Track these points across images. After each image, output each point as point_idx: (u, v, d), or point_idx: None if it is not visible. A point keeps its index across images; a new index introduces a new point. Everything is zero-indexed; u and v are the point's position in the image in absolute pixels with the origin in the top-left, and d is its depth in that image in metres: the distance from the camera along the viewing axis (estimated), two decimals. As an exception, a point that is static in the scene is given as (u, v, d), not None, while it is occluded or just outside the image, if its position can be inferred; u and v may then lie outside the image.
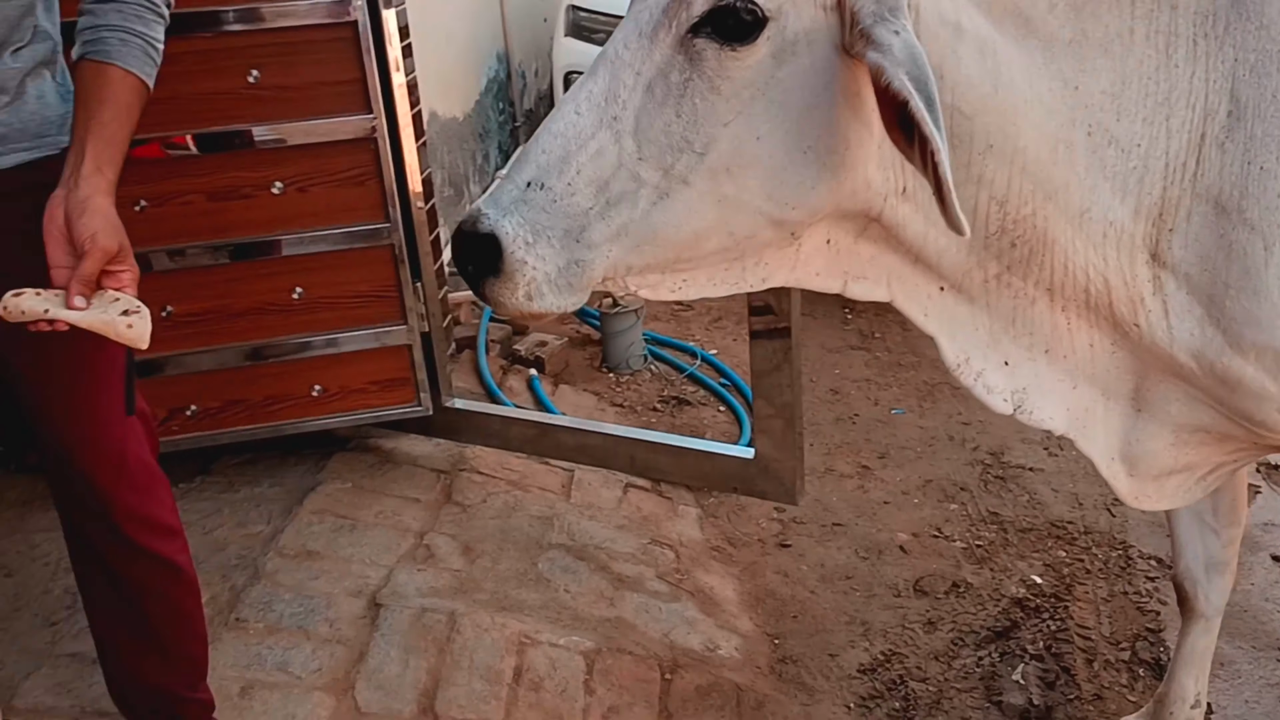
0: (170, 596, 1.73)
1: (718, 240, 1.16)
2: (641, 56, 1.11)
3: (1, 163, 1.48)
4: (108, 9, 1.44)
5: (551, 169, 1.11)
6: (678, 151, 1.11)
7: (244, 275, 2.58)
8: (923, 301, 1.31)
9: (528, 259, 1.11)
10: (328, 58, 2.41)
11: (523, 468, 3.01)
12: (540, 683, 2.23)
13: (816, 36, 1.10)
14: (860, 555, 2.83)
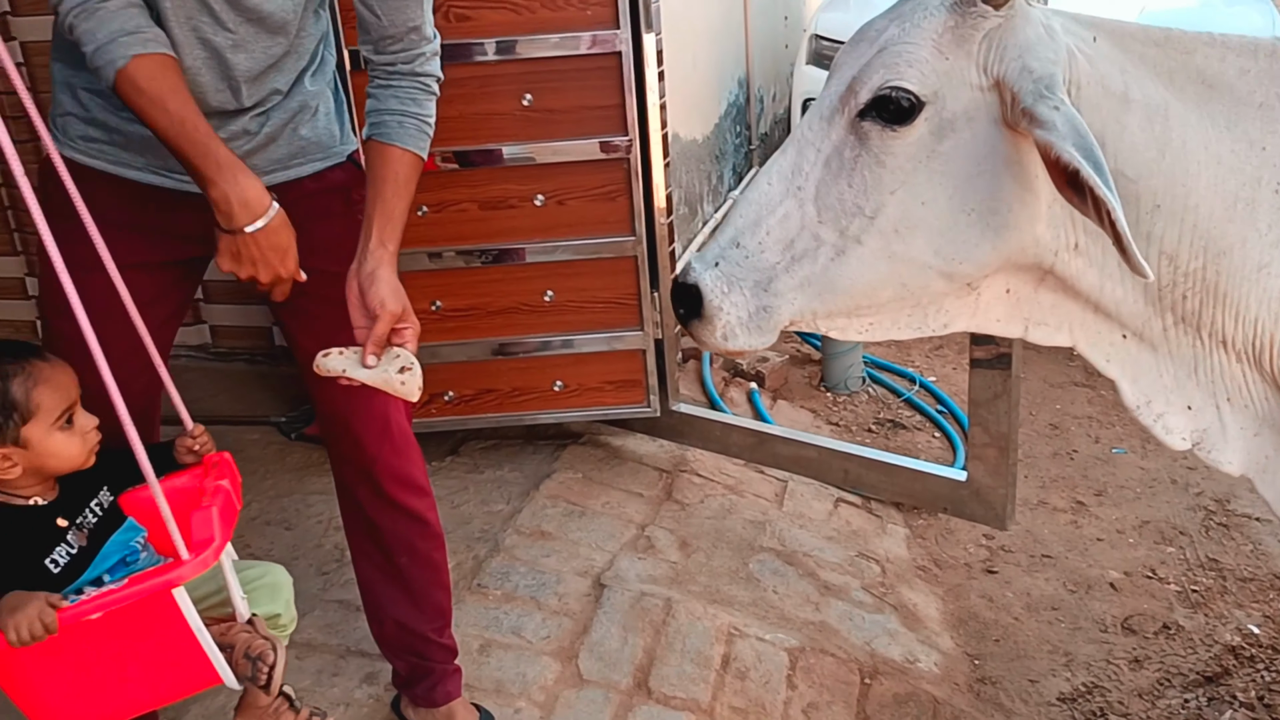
0: (420, 549, 1.98)
1: (891, 291, 1.30)
2: (821, 136, 1.27)
3: (302, 170, 1.75)
4: (387, 94, 1.68)
5: (746, 230, 1.29)
6: (851, 216, 1.25)
7: (503, 277, 2.86)
8: (1105, 348, 1.37)
9: (723, 305, 1.29)
10: (592, 84, 2.65)
11: (739, 474, 3.18)
12: (746, 672, 2.38)
13: (975, 114, 1.22)
14: (1068, 588, 2.85)
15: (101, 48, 1.44)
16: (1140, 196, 1.25)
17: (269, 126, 1.68)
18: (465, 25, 2.60)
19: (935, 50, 1.21)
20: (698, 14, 4.54)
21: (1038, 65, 1.18)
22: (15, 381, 1.45)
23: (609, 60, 2.64)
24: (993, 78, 1.21)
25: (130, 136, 1.63)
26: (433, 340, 2.88)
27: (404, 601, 2.00)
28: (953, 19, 1.21)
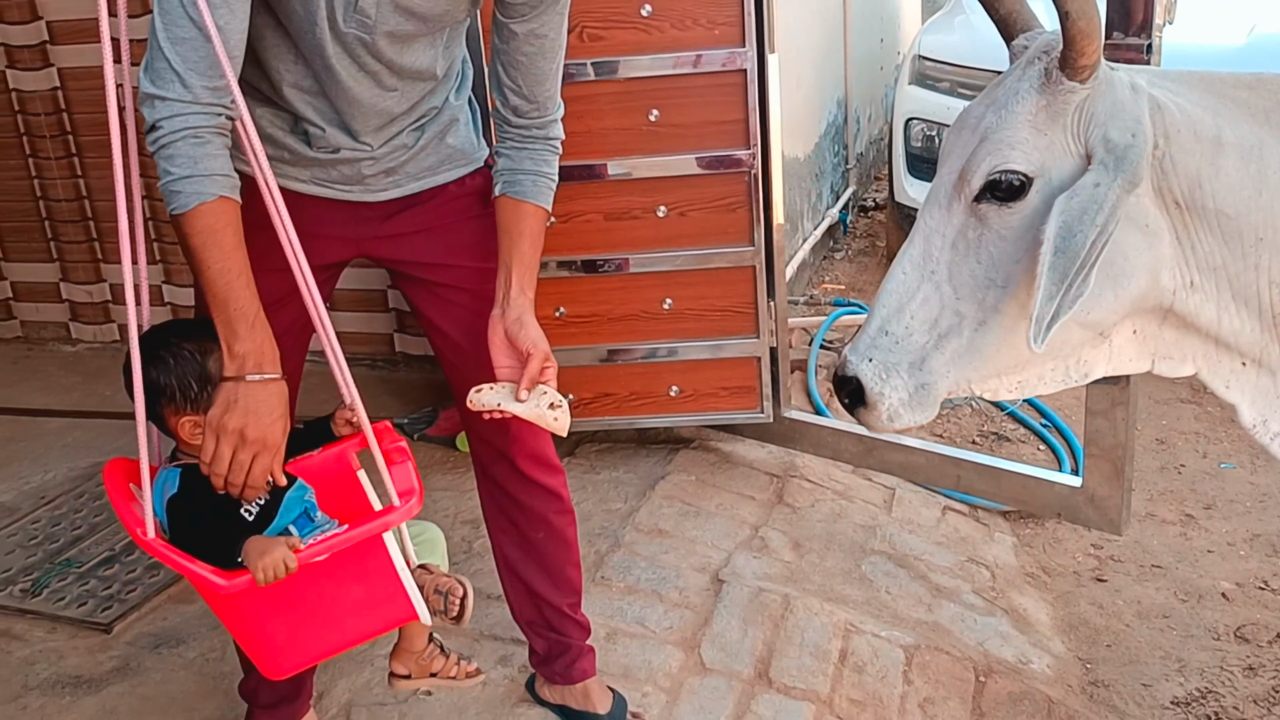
0: (555, 524, 2.11)
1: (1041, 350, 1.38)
2: (944, 222, 1.37)
3: (449, 176, 1.89)
4: (522, 156, 1.82)
5: (891, 318, 1.38)
6: (985, 289, 1.35)
7: (624, 285, 2.99)
8: (1225, 376, 1.44)
9: (884, 391, 1.38)
10: (718, 100, 2.78)
11: (848, 480, 3.26)
12: (863, 666, 2.46)
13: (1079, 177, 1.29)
14: (1179, 597, 2.87)
15: (195, 178, 1.49)
16: (1242, 232, 1.32)
17: (423, 139, 1.83)
18: (598, 45, 2.74)
19: (1033, 129, 1.29)
20: (802, 35, 4.65)
21: (1117, 135, 1.27)
22: (213, 358, 1.60)
23: (734, 77, 2.76)
24: (1085, 145, 1.29)
25: (298, 154, 1.78)
26: (555, 345, 2.95)
27: (541, 577, 2.12)
28: (1044, 99, 1.29)
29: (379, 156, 1.79)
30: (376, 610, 1.62)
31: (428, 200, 1.86)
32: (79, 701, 2.32)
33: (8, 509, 3.13)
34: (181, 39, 1.47)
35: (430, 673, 1.88)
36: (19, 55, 3.92)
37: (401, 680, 1.89)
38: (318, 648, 1.66)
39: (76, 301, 4.26)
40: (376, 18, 1.63)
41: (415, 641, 1.86)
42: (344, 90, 1.70)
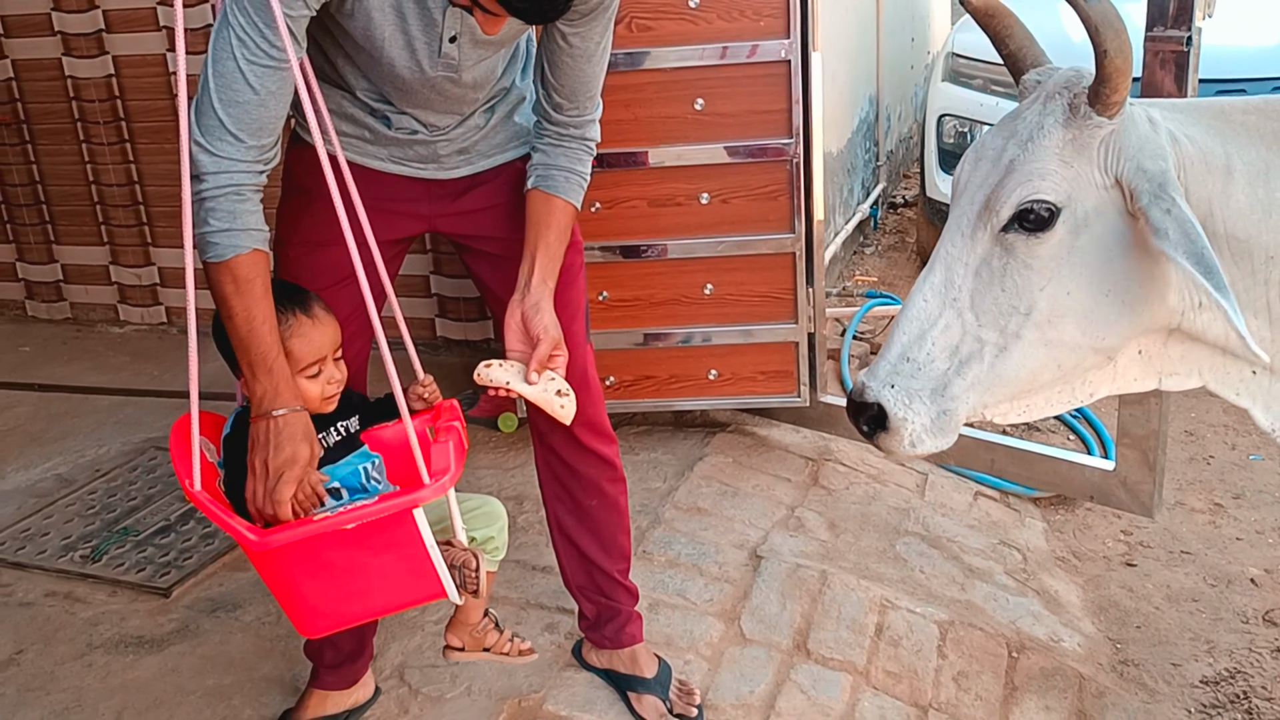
0: (608, 491, 2.18)
1: (1050, 374, 1.43)
2: (967, 250, 1.39)
3: (518, 152, 1.97)
4: (557, 153, 1.89)
5: (912, 344, 1.40)
6: (1007, 316, 1.38)
7: (667, 270, 3.07)
8: (1235, 385, 1.45)
9: (907, 416, 1.39)
10: (761, 90, 2.85)
11: (881, 465, 3.32)
12: (899, 641, 2.52)
13: (1104, 209, 1.34)
14: (1208, 582, 2.93)
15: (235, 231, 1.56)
16: (1253, 253, 1.36)
17: (494, 118, 1.92)
18: (646, 35, 2.82)
19: (1060, 161, 1.33)
20: (837, 32, 4.71)
21: (1150, 164, 1.30)
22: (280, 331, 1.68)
23: (778, 68, 2.83)
24: (1113, 177, 1.32)
25: (378, 133, 1.87)
26: (598, 328, 3.08)
27: (593, 543, 2.19)
28: (1070, 132, 1.33)
29: (454, 137, 1.88)
30: (405, 584, 1.67)
31: (495, 177, 1.95)
32: (141, 660, 2.41)
33: (65, 480, 3.24)
34: (235, 101, 1.54)
35: (484, 647, 1.95)
36: (75, 43, 4.03)
37: (455, 652, 1.97)
38: (348, 612, 1.72)
39: (125, 284, 4.36)
40: (461, 59, 1.73)
41: (470, 615, 1.93)
42: (425, 104, 1.80)
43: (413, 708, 2.22)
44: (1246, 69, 4.05)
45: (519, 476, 3.14)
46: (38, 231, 4.41)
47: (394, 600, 1.74)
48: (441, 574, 1.67)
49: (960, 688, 2.43)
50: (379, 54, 1.69)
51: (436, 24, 1.68)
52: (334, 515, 1.60)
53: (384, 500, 1.63)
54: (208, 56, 1.57)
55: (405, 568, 1.66)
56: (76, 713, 2.24)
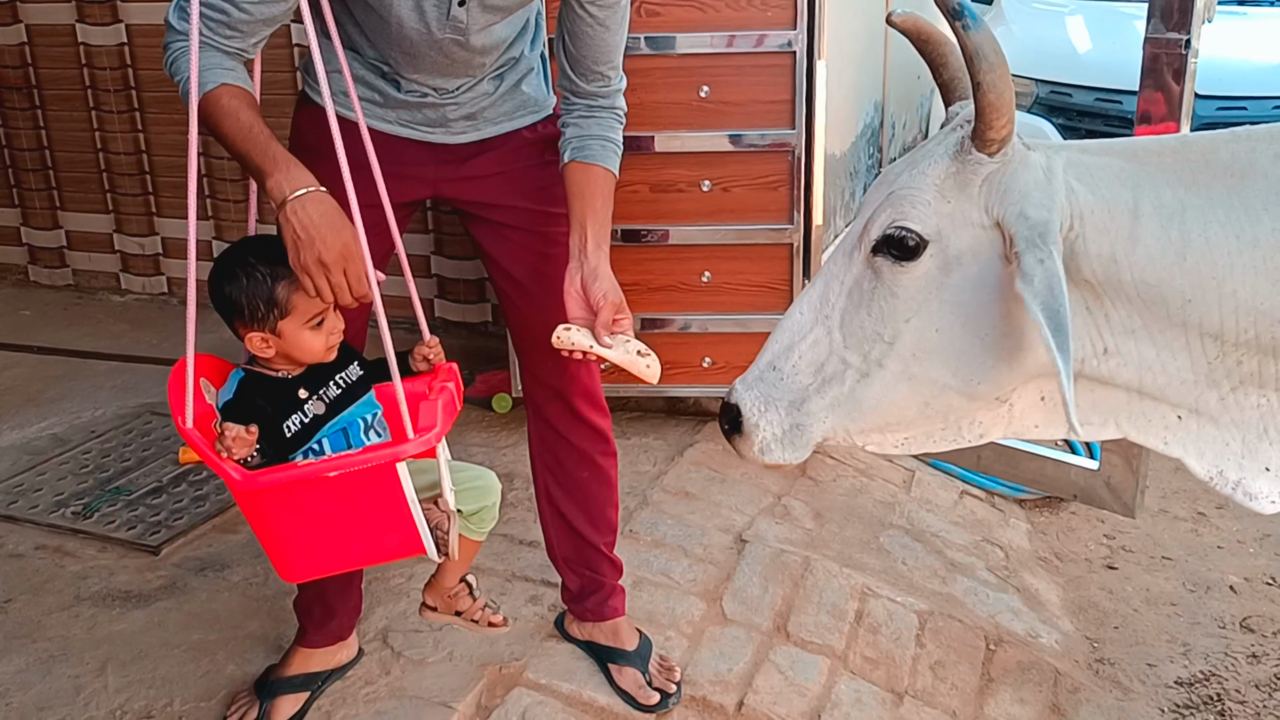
0: (600, 464, 2.21)
1: (915, 410, 1.39)
2: (844, 269, 1.37)
3: (524, 121, 2.00)
4: (590, 123, 1.91)
5: (781, 355, 1.39)
6: (872, 342, 1.34)
7: (665, 257, 3.09)
8: (1160, 432, 1.37)
9: (760, 423, 1.39)
10: (766, 80, 2.88)
11: (869, 460, 3.35)
12: (878, 628, 2.55)
13: (980, 250, 1.29)
14: (1187, 588, 2.95)
15: (186, 82, 1.61)
16: (1167, 297, 1.29)
17: (503, 86, 1.95)
18: (654, 20, 2.85)
19: (938, 193, 1.29)
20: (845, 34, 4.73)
21: (1034, 212, 1.24)
22: (281, 285, 1.70)
23: (783, 58, 2.87)
24: (994, 219, 1.27)
25: (388, 96, 1.90)
26: (595, 311, 3.11)
27: (581, 515, 2.22)
28: (954, 165, 1.28)
29: (462, 102, 1.91)
30: (385, 537, 1.69)
31: (501, 145, 1.98)
32: (128, 614, 2.43)
33: (60, 439, 3.26)
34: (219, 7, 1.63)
35: (455, 611, 1.97)
36: (89, 10, 4.06)
37: (429, 611, 2.00)
38: (328, 560, 1.75)
39: (128, 253, 4.39)
40: (469, 22, 1.76)
41: (446, 578, 1.95)
42: (432, 67, 1.83)
43: (394, 669, 2.24)
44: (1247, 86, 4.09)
45: (510, 455, 3.16)
46: (43, 197, 4.44)
47: (374, 552, 1.76)
48: (422, 531, 1.70)
49: (936, 676, 2.46)
50: (388, 14, 1.72)
51: None
52: (317, 463, 1.64)
53: (368, 451, 1.66)
54: None
55: (386, 521, 1.68)
56: (62, 661, 2.27)
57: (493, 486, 1.91)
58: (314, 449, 1.75)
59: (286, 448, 1.72)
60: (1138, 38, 2.52)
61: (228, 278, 1.71)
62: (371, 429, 1.81)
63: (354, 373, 1.81)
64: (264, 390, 1.73)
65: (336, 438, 1.77)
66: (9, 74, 4.26)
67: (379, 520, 1.68)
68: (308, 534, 1.70)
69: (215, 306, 1.73)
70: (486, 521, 1.91)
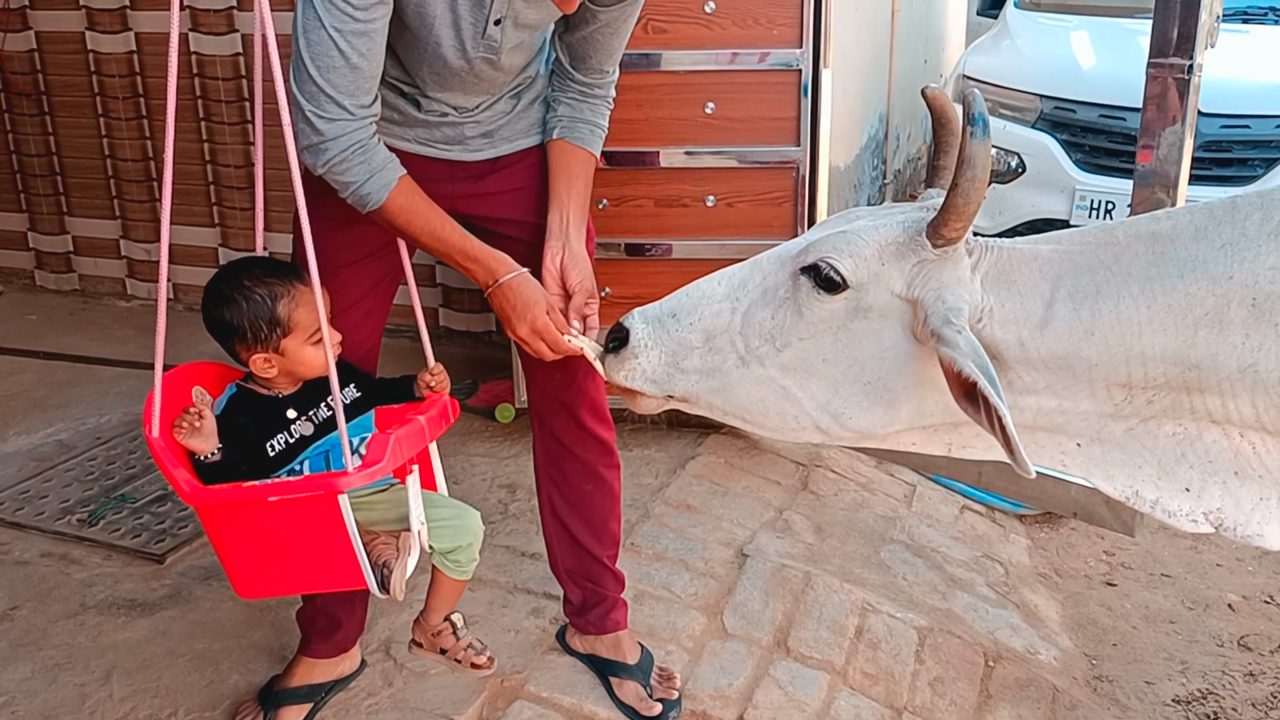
0: (605, 476, 2.22)
1: (777, 420, 1.51)
2: (773, 270, 1.48)
3: (538, 139, 2.03)
4: (582, 107, 1.98)
5: (684, 310, 1.52)
6: (763, 340, 1.45)
7: (670, 270, 3.10)
8: (1057, 457, 1.44)
9: (639, 355, 1.54)
10: (772, 98, 2.90)
11: (870, 474, 3.36)
12: (877, 643, 2.56)
13: (889, 312, 1.40)
14: (1186, 605, 2.97)
15: (372, 179, 1.72)
16: (1074, 365, 1.36)
17: (520, 105, 1.98)
18: (661, 37, 2.87)
19: (877, 253, 1.40)
20: (850, 46, 4.75)
21: (950, 298, 1.36)
22: (282, 302, 1.73)
23: (789, 77, 2.88)
24: (913, 295, 1.38)
25: (408, 116, 1.92)
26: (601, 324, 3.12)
27: (584, 528, 2.23)
28: (904, 237, 1.40)
29: (481, 120, 1.93)
30: (327, 567, 1.71)
31: (517, 162, 2.01)
32: (133, 622, 2.45)
33: (65, 446, 3.28)
34: (331, 68, 1.64)
35: (439, 649, 1.96)
36: (99, 18, 4.09)
37: (416, 647, 2.00)
38: (277, 582, 1.77)
39: (134, 259, 4.42)
40: (503, 40, 1.79)
41: (430, 616, 1.95)
42: (458, 86, 1.86)
43: (396, 681, 2.26)
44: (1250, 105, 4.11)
45: (513, 465, 3.18)
46: (50, 202, 4.46)
47: (320, 580, 1.78)
48: (363, 565, 1.70)
49: (935, 692, 2.47)
50: (427, 33, 1.74)
51: (485, 6, 1.73)
52: (259, 486, 1.65)
53: (308, 480, 1.67)
54: (297, 26, 1.65)
55: (329, 551, 1.69)
56: (68, 669, 2.28)
57: (471, 527, 1.88)
58: (295, 469, 1.77)
59: (269, 466, 1.74)
60: (1142, 54, 2.54)
61: (224, 303, 1.72)
62: (356, 453, 1.80)
63: (349, 395, 1.82)
64: (251, 408, 1.75)
65: (318, 460, 1.78)
66: (19, 80, 4.29)
67: (322, 549, 1.70)
68: (256, 554, 1.72)
69: (211, 332, 1.75)
70: (465, 562, 1.88)
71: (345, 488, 1.61)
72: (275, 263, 1.82)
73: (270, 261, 1.82)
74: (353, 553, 1.68)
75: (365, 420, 1.84)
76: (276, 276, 1.74)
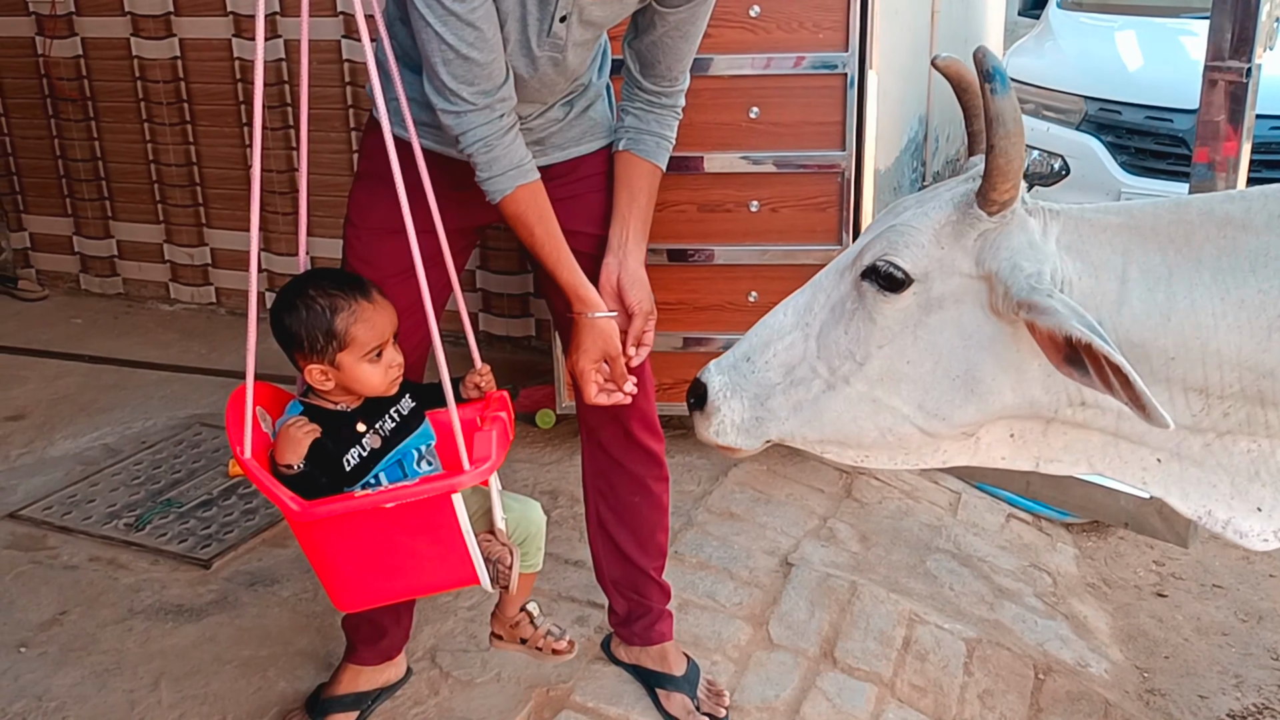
0: (653, 489, 2.21)
1: (874, 435, 1.43)
2: (833, 285, 1.43)
3: (591, 146, 2.02)
4: (650, 118, 1.98)
5: (757, 349, 1.45)
6: (843, 359, 1.39)
7: (712, 276, 3.09)
8: (1138, 473, 1.39)
9: (722, 407, 1.47)
10: (816, 102, 2.88)
11: (914, 481, 3.33)
12: (925, 655, 2.53)
13: (963, 296, 1.34)
14: (1239, 617, 2.91)
15: (494, 178, 1.79)
16: (1151, 356, 1.31)
17: (571, 113, 1.98)
18: (706, 41, 2.76)
19: (933, 238, 1.34)
20: (890, 49, 4.72)
21: (1028, 265, 1.29)
22: (341, 316, 1.72)
23: (834, 80, 2.86)
24: (984, 270, 1.32)
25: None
26: (642, 329, 3.12)
27: (630, 539, 2.22)
28: (956, 214, 1.33)
29: (533, 127, 1.92)
30: (440, 567, 1.71)
31: (569, 172, 2.00)
32: (180, 628, 2.46)
33: (112, 450, 3.31)
34: (446, 61, 1.69)
35: (520, 639, 1.98)
36: (144, 24, 4.12)
37: (496, 640, 2.01)
38: (383, 590, 1.77)
39: (178, 263, 4.45)
40: (568, 38, 1.78)
41: (507, 608, 1.96)
42: (520, 90, 1.83)
43: (442, 690, 2.25)
44: None
45: (555, 472, 3.18)
46: (95, 207, 4.50)
47: (428, 582, 1.78)
48: (476, 562, 1.71)
49: (985, 705, 2.44)
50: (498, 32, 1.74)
51: (550, 2, 1.73)
52: (374, 493, 1.65)
53: (424, 483, 1.67)
54: (416, 31, 1.70)
55: (441, 551, 1.69)
56: (116, 675, 2.30)
57: (535, 519, 1.90)
58: (370, 483, 1.77)
59: (345, 481, 1.74)
60: (1188, 55, 2.50)
61: (287, 309, 1.72)
62: (424, 459, 1.81)
63: (406, 405, 1.82)
64: (322, 423, 1.74)
65: (392, 470, 1.79)
66: (65, 86, 4.33)
67: (434, 551, 1.70)
68: (363, 564, 1.71)
69: (276, 338, 1.75)
70: (533, 553, 1.91)
71: (462, 486, 1.63)
72: (346, 275, 1.81)
73: (341, 274, 1.82)
74: (465, 552, 1.69)
75: (425, 429, 1.84)
76: (342, 290, 1.73)
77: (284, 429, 1.67)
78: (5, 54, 4.44)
